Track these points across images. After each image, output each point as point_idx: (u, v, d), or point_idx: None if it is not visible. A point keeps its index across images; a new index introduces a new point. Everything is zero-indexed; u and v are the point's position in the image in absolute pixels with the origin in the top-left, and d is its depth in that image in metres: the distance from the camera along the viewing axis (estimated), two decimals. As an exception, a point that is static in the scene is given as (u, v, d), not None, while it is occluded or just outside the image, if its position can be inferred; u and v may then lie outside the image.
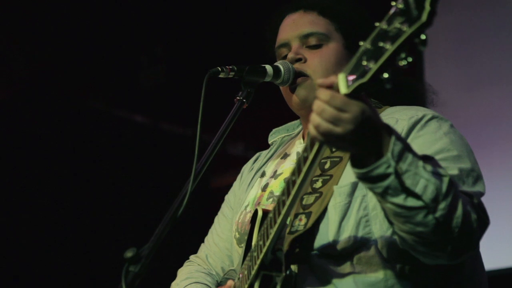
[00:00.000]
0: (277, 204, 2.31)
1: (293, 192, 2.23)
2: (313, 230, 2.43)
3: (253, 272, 2.39)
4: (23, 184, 6.01)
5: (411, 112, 2.51)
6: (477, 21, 4.99)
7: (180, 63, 6.45)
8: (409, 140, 2.41)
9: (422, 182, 2.10)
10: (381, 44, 1.92)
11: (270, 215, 2.35)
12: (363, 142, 2.07)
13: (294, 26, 2.74)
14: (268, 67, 2.67)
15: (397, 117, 2.50)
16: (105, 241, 5.95)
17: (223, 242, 2.88)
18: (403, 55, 1.90)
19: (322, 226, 2.43)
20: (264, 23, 2.92)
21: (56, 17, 6.07)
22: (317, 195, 2.46)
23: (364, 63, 1.96)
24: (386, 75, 1.94)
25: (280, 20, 2.80)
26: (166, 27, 6.35)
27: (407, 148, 2.11)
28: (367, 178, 2.11)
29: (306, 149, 2.17)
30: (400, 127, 2.45)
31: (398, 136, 2.11)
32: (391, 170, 2.07)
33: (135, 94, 6.50)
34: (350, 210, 2.42)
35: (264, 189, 2.72)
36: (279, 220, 2.29)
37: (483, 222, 2.25)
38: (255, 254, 2.40)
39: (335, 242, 2.40)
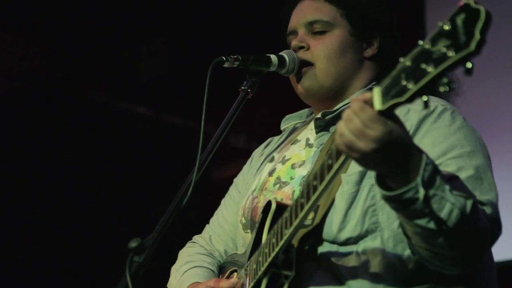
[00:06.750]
0: (295, 206, 2.27)
1: (313, 198, 2.19)
2: (321, 224, 2.41)
3: (262, 269, 2.37)
4: (24, 177, 6.01)
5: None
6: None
7: (181, 53, 6.44)
8: (420, 132, 2.41)
9: (448, 207, 2.08)
10: (423, 65, 1.83)
11: (286, 214, 2.32)
12: (388, 163, 2.02)
13: (301, 14, 2.74)
14: (273, 57, 2.66)
15: (408, 106, 2.46)
16: (109, 232, 5.95)
17: (228, 225, 2.86)
18: (445, 80, 1.81)
19: (329, 215, 2.41)
20: (266, 12, 2.91)
21: (57, 9, 6.06)
22: None
23: (403, 82, 1.87)
24: (425, 98, 1.86)
25: (293, 9, 2.80)
26: (167, 18, 6.33)
27: (435, 171, 2.07)
28: (393, 201, 2.08)
29: (331, 157, 2.11)
30: (411, 119, 2.44)
31: (429, 159, 2.06)
32: (419, 195, 2.04)
33: (136, 86, 6.49)
34: (358, 198, 2.39)
35: (271, 174, 2.69)
36: (295, 223, 2.26)
37: (495, 234, 2.26)
38: (266, 250, 2.38)
39: (340, 231, 2.38)
